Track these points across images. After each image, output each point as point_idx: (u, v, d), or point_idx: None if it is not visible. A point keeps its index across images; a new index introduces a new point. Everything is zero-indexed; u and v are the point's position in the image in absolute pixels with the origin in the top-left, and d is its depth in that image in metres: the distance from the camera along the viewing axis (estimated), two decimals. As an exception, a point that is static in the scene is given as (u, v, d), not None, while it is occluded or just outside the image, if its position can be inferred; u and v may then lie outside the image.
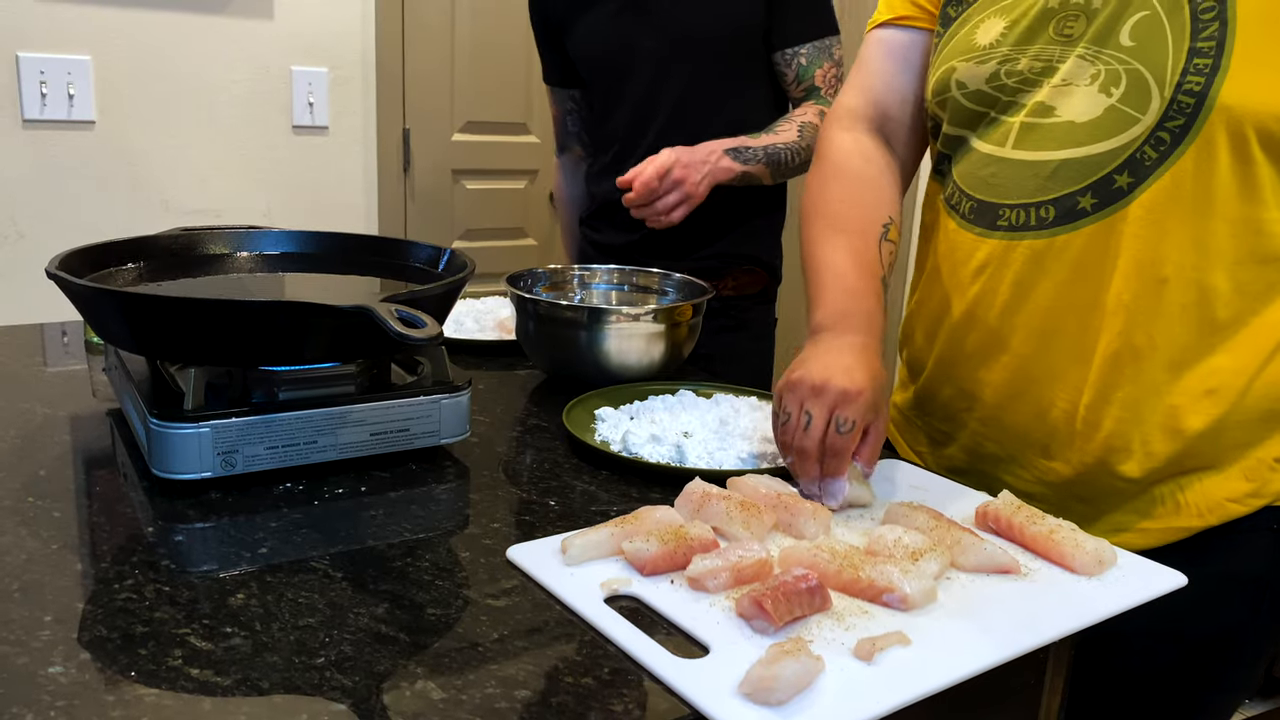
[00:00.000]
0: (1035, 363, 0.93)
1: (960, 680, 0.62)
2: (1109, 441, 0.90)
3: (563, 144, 1.87)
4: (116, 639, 0.62)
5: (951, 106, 0.97)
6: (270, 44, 2.30)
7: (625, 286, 1.34)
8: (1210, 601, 0.74)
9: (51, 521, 0.77)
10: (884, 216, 1.01)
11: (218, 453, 0.82)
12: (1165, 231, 0.84)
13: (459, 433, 0.93)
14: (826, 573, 0.71)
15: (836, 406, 0.84)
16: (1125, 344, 0.87)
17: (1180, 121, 0.82)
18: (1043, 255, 0.90)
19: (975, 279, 0.95)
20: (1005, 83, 0.92)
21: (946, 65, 0.97)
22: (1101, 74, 0.86)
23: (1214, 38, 0.80)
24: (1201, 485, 0.90)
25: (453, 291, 0.92)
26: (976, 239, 0.95)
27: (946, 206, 1.00)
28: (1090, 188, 0.87)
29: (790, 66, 1.59)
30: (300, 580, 0.70)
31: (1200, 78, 0.81)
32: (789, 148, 1.54)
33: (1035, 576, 0.75)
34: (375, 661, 0.61)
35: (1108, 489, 0.92)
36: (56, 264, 0.86)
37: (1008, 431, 0.97)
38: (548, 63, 1.78)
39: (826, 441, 0.83)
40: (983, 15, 0.96)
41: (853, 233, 0.99)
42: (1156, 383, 0.87)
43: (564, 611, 0.68)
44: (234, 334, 0.80)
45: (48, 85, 2.07)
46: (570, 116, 1.82)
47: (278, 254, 1.09)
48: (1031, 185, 0.90)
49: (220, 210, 2.31)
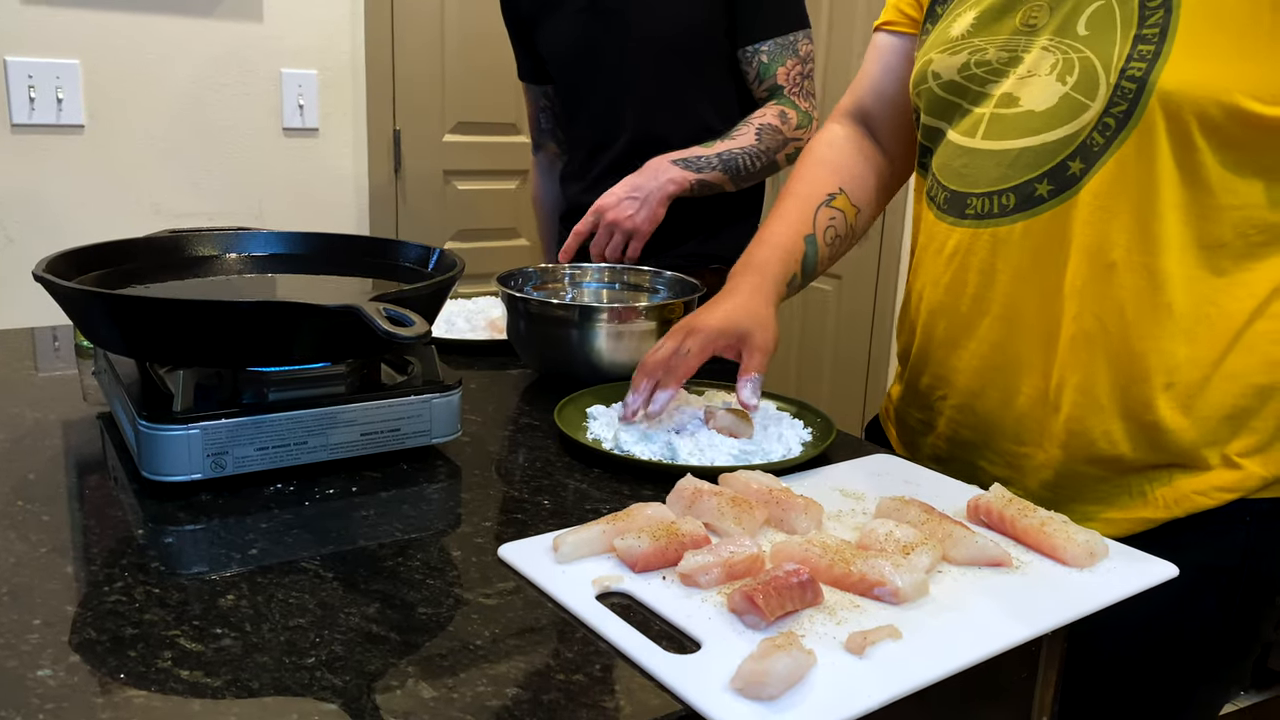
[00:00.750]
0: (1001, 350, 0.95)
1: (951, 673, 0.62)
2: (1069, 425, 0.91)
3: (538, 142, 1.87)
4: (106, 641, 0.61)
5: (926, 97, 1.01)
6: (259, 46, 2.30)
7: (616, 285, 1.34)
8: (1185, 592, 0.75)
9: (41, 525, 0.77)
10: (831, 187, 1.11)
11: (207, 454, 0.82)
12: (1112, 216, 0.86)
13: (450, 432, 0.93)
14: (818, 567, 0.71)
15: (686, 337, 0.98)
16: (1079, 329, 0.89)
17: (1123, 107, 0.84)
18: (1004, 242, 0.92)
19: (947, 268, 0.98)
20: (975, 72, 0.95)
21: (925, 58, 1.01)
22: (1059, 63, 0.88)
23: (1158, 25, 0.82)
24: (1170, 478, 0.90)
25: (442, 290, 0.92)
26: (949, 228, 0.98)
27: (926, 198, 1.04)
28: (1046, 174, 0.89)
29: (751, 65, 1.58)
30: (291, 581, 0.70)
31: (1143, 64, 0.82)
32: (746, 152, 1.53)
33: (1027, 569, 0.75)
34: (366, 661, 0.61)
35: (1074, 475, 0.93)
36: (44, 267, 0.86)
37: (980, 418, 0.99)
38: (521, 59, 1.78)
39: (667, 362, 0.97)
40: (960, 9, 1.00)
41: (792, 199, 1.11)
42: (1112, 368, 0.89)
43: (556, 609, 0.68)
44: (222, 335, 0.80)
45: (36, 90, 2.06)
46: (544, 114, 1.82)
47: (266, 255, 1.08)
48: (995, 174, 0.92)
49: (212, 214, 2.31)
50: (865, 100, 1.16)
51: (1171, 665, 0.94)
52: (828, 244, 1.10)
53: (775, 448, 0.94)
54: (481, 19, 2.60)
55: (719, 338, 0.98)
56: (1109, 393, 0.89)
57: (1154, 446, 0.90)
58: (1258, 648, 0.97)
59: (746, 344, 0.99)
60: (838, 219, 1.10)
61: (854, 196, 1.12)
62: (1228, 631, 0.93)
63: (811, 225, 1.09)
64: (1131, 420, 0.89)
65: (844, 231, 1.11)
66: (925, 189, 1.04)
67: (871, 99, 1.16)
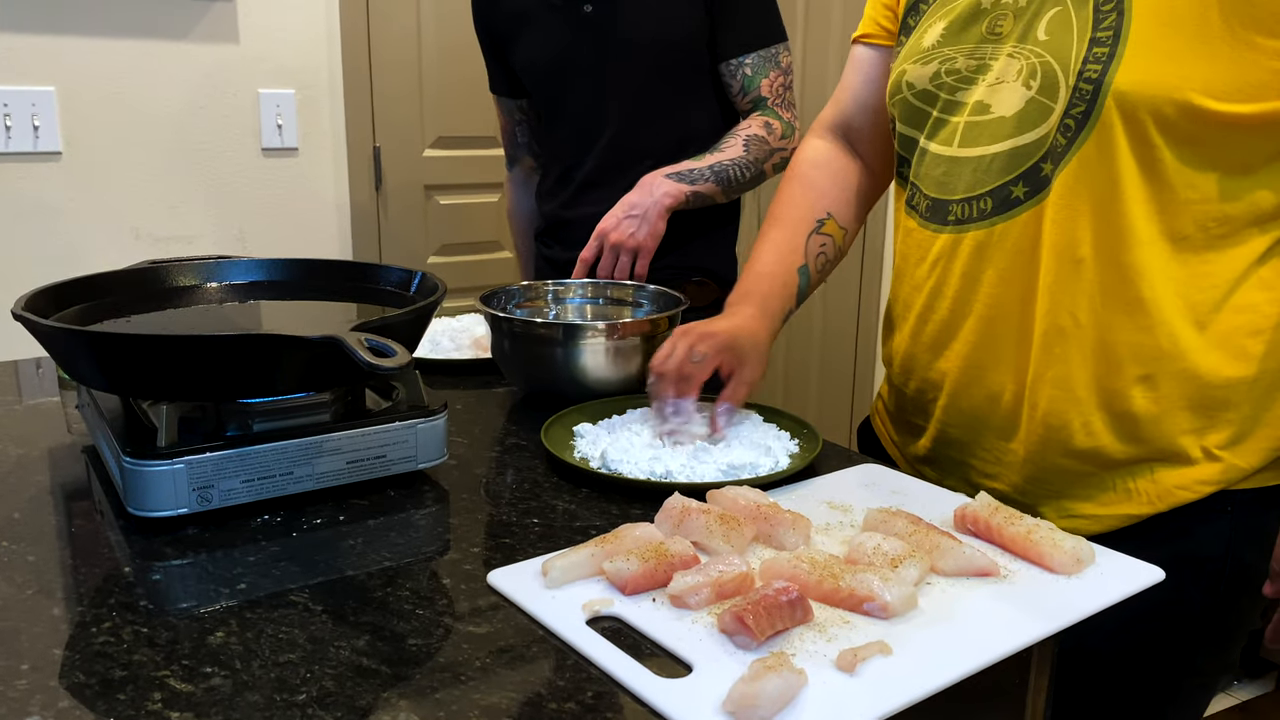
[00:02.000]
0: (984, 349, 0.96)
1: (942, 688, 0.62)
2: (1047, 420, 0.93)
3: (512, 156, 1.86)
4: (95, 684, 0.61)
5: (901, 107, 1.03)
6: (236, 67, 2.29)
7: (599, 300, 1.34)
8: (1169, 584, 0.76)
9: (26, 566, 0.76)
10: (820, 212, 1.13)
11: (193, 488, 0.81)
12: (1077, 214, 0.88)
13: (436, 456, 0.93)
14: (807, 584, 0.71)
15: (696, 343, 1.00)
16: (1053, 324, 0.91)
17: (1081, 108, 0.86)
18: (984, 245, 0.94)
19: (930, 273, 1.00)
20: (945, 81, 0.97)
21: (899, 69, 1.03)
22: (1024, 69, 0.90)
23: (1112, 28, 0.85)
24: (1152, 474, 0.92)
25: (424, 316, 0.92)
26: (932, 235, 1.00)
27: (907, 208, 1.05)
28: (1021, 177, 0.91)
29: (735, 78, 1.59)
30: (280, 615, 0.70)
31: (1098, 65, 0.85)
32: (736, 163, 1.54)
33: (1014, 578, 0.75)
34: (357, 696, 0.61)
35: (1057, 470, 0.95)
36: (22, 305, 0.86)
37: (967, 417, 1.00)
38: (493, 72, 1.78)
39: (681, 369, 0.99)
40: (931, 21, 1.02)
41: (783, 225, 1.13)
42: (1086, 362, 0.90)
43: (546, 635, 0.68)
44: (204, 369, 0.80)
45: (11, 118, 2.05)
46: (520, 127, 1.81)
47: (247, 283, 1.08)
48: (972, 179, 0.95)
49: (192, 237, 2.30)
50: (847, 112, 1.18)
51: (1159, 657, 0.95)
52: (818, 270, 1.13)
53: (763, 461, 0.95)
54: (458, 33, 2.60)
55: (726, 350, 1.01)
56: (1085, 385, 0.91)
57: (1132, 438, 0.91)
58: (1244, 636, 0.98)
59: (739, 371, 1.02)
60: (828, 245, 1.13)
61: (841, 218, 1.14)
62: (1214, 621, 0.95)
63: (803, 255, 1.11)
64: (1109, 412, 0.91)
65: (833, 255, 1.14)
66: (905, 198, 1.05)
67: (853, 110, 1.17)
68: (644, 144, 1.59)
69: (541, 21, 1.61)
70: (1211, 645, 0.96)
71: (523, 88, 1.73)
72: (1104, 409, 0.91)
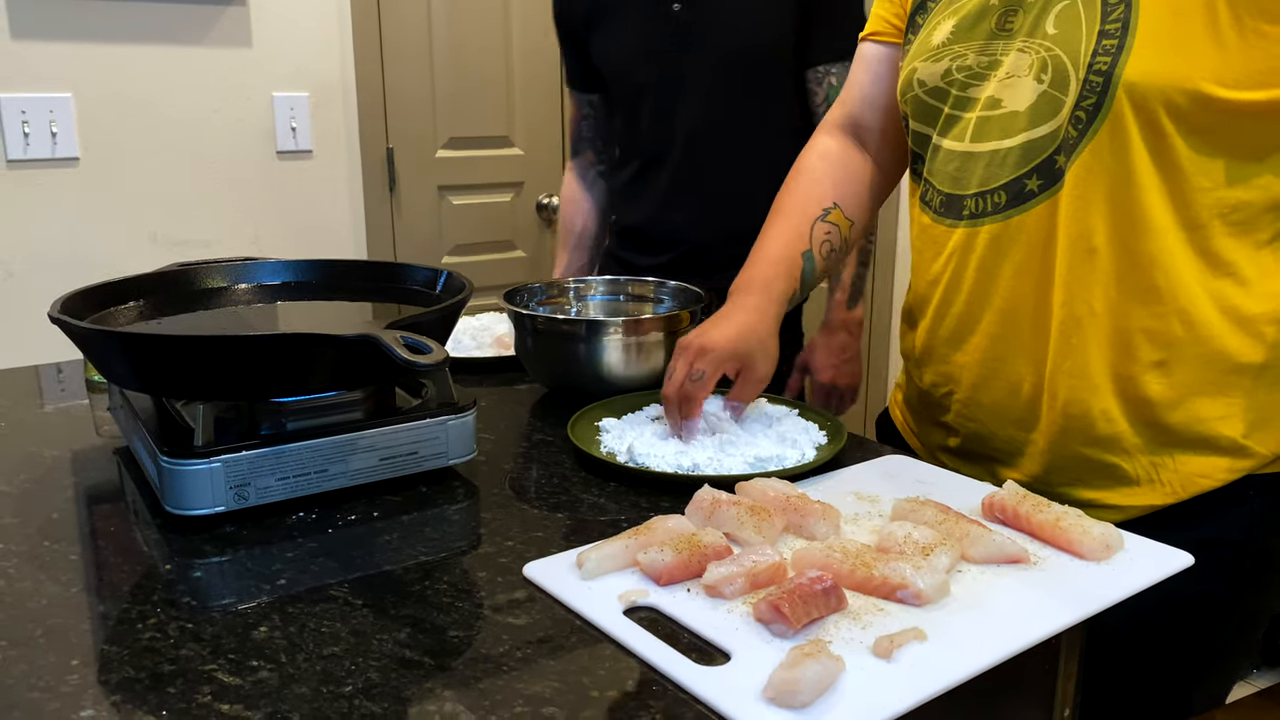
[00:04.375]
0: (1002, 341, 0.97)
1: (978, 672, 0.63)
2: (1067, 409, 0.94)
3: (576, 147, 1.86)
4: (145, 679, 0.62)
5: (913, 104, 1.03)
6: (250, 71, 2.30)
7: (621, 296, 1.35)
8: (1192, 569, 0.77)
9: (69, 564, 0.78)
10: (826, 201, 1.13)
11: (230, 486, 0.82)
12: (1091, 204, 0.89)
13: (466, 452, 0.94)
14: (840, 572, 0.72)
15: (694, 360, 1.00)
16: (1069, 314, 0.91)
17: (1092, 100, 0.87)
18: (1000, 238, 0.95)
19: (946, 267, 1.01)
20: (956, 77, 0.98)
21: (909, 67, 1.04)
22: (1034, 63, 0.91)
23: (1120, 19, 0.85)
24: (1174, 462, 0.92)
25: (453, 313, 0.93)
26: (947, 230, 1.00)
27: (921, 204, 1.06)
28: (1035, 170, 0.92)
29: (821, 85, 1.57)
30: (321, 609, 0.71)
31: (1108, 58, 0.85)
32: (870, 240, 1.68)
33: (1045, 565, 0.76)
34: (402, 687, 0.62)
35: (1078, 459, 0.95)
36: (58, 308, 0.87)
37: (986, 409, 1.01)
38: (570, 65, 1.77)
39: (682, 392, 1.00)
40: (940, 18, 1.02)
41: (787, 215, 1.13)
42: (1103, 350, 0.91)
43: (585, 626, 0.69)
44: (242, 369, 0.81)
45: (30, 125, 2.07)
46: (586, 121, 1.81)
47: (276, 284, 1.09)
48: (986, 174, 0.95)
49: (209, 240, 2.31)
50: (856, 110, 1.18)
51: (1182, 642, 0.96)
52: (824, 258, 1.12)
53: (789, 453, 0.95)
54: (469, 34, 2.61)
55: (729, 360, 1.01)
56: (1103, 372, 0.91)
57: (1150, 425, 0.91)
58: (1265, 621, 0.99)
59: (747, 371, 1.03)
60: (833, 233, 1.12)
61: (848, 209, 1.14)
62: (1235, 606, 0.95)
63: (808, 241, 1.11)
64: (1126, 398, 0.91)
65: (839, 245, 1.14)
66: (919, 194, 1.06)
67: (862, 108, 1.18)
68: (722, 144, 1.58)
69: (628, 15, 1.59)
70: (1233, 630, 0.97)
71: (597, 83, 1.71)
72: (1121, 395, 0.92)
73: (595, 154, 1.83)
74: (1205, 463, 0.91)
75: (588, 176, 1.85)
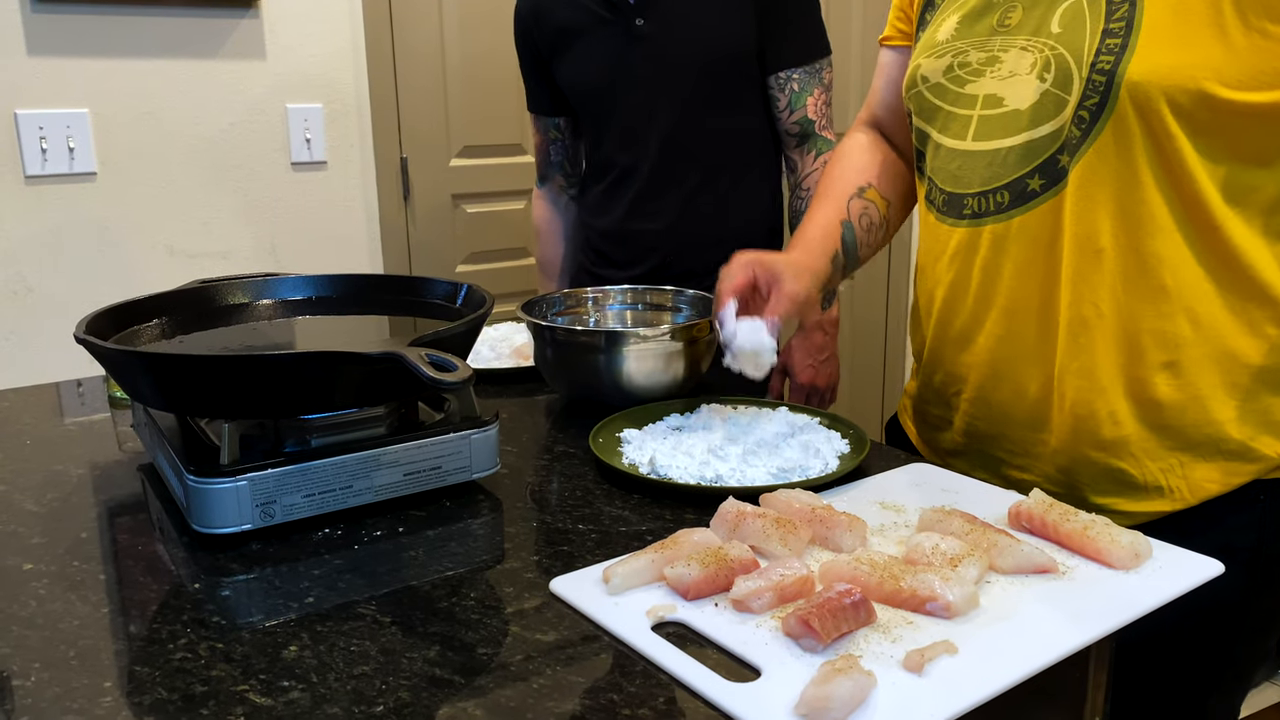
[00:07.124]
0: (1009, 342, 0.97)
1: (1010, 685, 0.62)
2: (1075, 410, 0.93)
3: (544, 174, 1.88)
4: (178, 700, 0.63)
5: (916, 101, 1.04)
6: (264, 83, 2.31)
7: (639, 306, 1.35)
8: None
9: (98, 584, 0.78)
10: (860, 181, 1.16)
11: (256, 504, 0.83)
12: (1096, 204, 0.88)
13: (490, 466, 0.94)
14: (868, 585, 0.71)
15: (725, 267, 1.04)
16: (1076, 315, 0.91)
17: (1096, 100, 0.86)
18: (1003, 238, 0.95)
19: (950, 267, 1.01)
20: (958, 74, 0.98)
21: (915, 63, 1.04)
22: (1037, 61, 0.91)
23: (1124, 18, 0.85)
24: (1182, 469, 0.92)
25: (475, 329, 0.93)
26: (950, 229, 1.00)
27: (925, 202, 1.06)
28: (1037, 169, 0.91)
29: (784, 91, 1.61)
30: (350, 628, 0.71)
31: (1111, 57, 0.85)
32: None
33: (1074, 574, 0.75)
34: (434, 706, 0.62)
35: (1087, 463, 0.95)
36: (84, 328, 0.87)
37: (994, 410, 1.01)
38: (533, 91, 1.79)
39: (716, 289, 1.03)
40: (944, 15, 1.03)
41: (824, 198, 1.16)
42: (1110, 351, 0.90)
43: (613, 642, 0.69)
44: (269, 388, 0.81)
45: (47, 141, 2.08)
46: (554, 145, 1.83)
47: (298, 299, 1.10)
48: (988, 173, 0.95)
49: (226, 252, 2.32)
50: (877, 113, 1.21)
51: (1197, 649, 0.95)
52: (864, 230, 1.14)
53: (813, 463, 0.95)
54: (481, 43, 2.61)
55: (755, 263, 1.03)
56: (1110, 374, 0.91)
57: (1158, 426, 0.91)
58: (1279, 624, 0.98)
59: (777, 286, 1.02)
60: (870, 208, 1.14)
61: (883, 190, 1.16)
62: (1248, 611, 0.94)
63: (846, 213, 1.13)
64: (1134, 400, 0.91)
65: (878, 220, 1.15)
66: (924, 193, 1.07)
67: (882, 112, 1.20)
68: (693, 154, 1.61)
69: (592, 36, 1.62)
70: (1247, 635, 0.96)
71: (561, 106, 1.74)
72: (1129, 397, 0.91)
73: (565, 178, 1.85)
74: (1214, 468, 0.91)
75: (559, 203, 1.87)
